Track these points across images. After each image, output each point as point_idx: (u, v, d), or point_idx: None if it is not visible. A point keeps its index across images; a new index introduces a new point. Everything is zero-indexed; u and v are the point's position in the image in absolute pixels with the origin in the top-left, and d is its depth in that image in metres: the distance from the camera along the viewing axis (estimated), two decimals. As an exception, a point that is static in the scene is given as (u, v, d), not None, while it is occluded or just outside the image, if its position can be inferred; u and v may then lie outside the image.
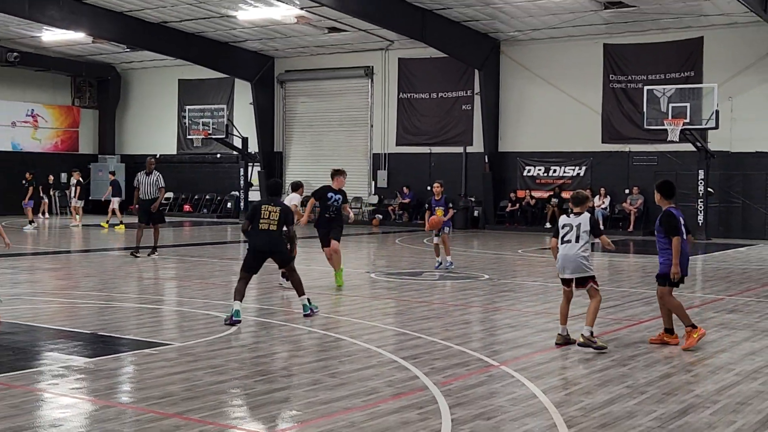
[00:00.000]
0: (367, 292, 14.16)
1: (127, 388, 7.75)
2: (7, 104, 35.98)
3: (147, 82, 38.67)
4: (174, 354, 8.88)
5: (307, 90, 34.90)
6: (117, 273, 16.20)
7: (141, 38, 31.06)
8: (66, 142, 38.48)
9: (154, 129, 38.12)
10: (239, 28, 30.63)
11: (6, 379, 7.72)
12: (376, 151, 33.21)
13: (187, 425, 6.32)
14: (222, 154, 35.85)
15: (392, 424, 6.38)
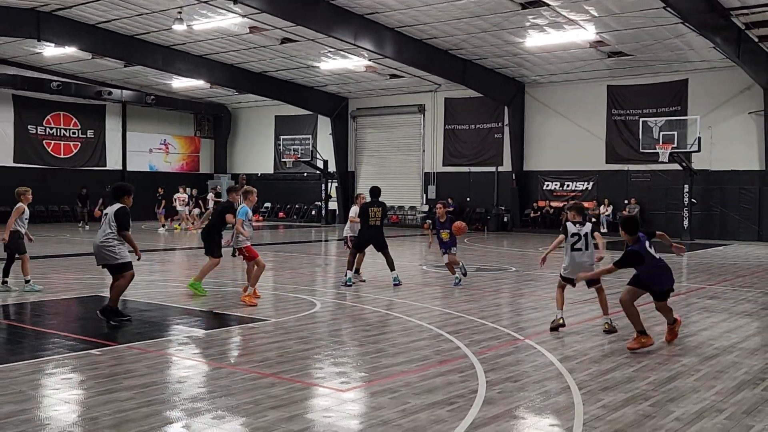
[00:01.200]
0: (419, 281, 14.13)
1: (235, 354, 7.85)
2: (145, 135, 36.72)
3: (251, 118, 39.13)
4: (270, 327, 8.96)
5: (373, 123, 34.97)
6: (225, 265, 16.41)
7: (247, 84, 31.47)
8: (189, 164, 39.13)
9: (256, 153, 38.55)
10: (321, 75, 30.85)
11: (143, 345, 7.87)
12: (426, 170, 33.13)
13: (280, 383, 6.37)
14: (308, 173, 36.11)
15: (439, 385, 6.36)
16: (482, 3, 20.62)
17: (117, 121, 35.73)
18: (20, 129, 32.12)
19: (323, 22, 22.11)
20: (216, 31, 25.03)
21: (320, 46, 25.95)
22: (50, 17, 24.42)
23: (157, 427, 5.21)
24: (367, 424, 5.33)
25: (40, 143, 32.80)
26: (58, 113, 33.38)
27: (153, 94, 34.94)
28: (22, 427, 5.13)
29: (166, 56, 27.79)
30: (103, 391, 6.08)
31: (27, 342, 8.26)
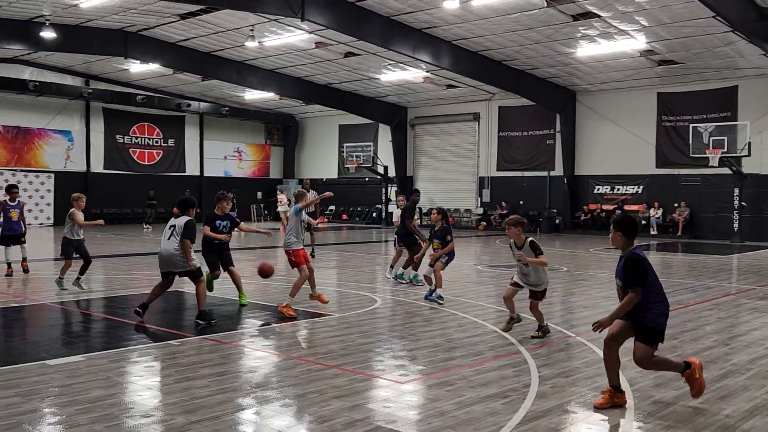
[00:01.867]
0: (474, 279, 14.00)
1: (301, 346, 7.90)
2: (220, 144, 37.47)
3: (316, 127, 39.50)
4: (334, 322, 9.00)
5: (430, 131, 34.86)
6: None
7: (313, 95, 31.80)
8: (261, 170, 39.74)
9: (321, 160, 38.88)
10: (382, 86, 30.94)
11: (218, 337, 8.00)
12: (481, 174, 32.82)
13: (343, 374, 6.38)
14: (369, 178, 36.25)
15: (493, 378, 6.27)
16: (535, 16, 20.34)
17: (195, 130, 36.56)
18: (109, 138, 33.21)
19: (384, 36, 22.18)
20: (285, 47, 25.37)
21: (381, 59, 26.03)
22: (136, 37, 25.19)
23: (230, 413, 5.28)
24: (424, 415, 5.30)
25: (126, 151, 33.83)
26: (143, 124, 34.37)
27: (227, 106, 35.66)
28: (109, 411, 5.27)
29: (239, 71, 28.33)
30: (181, 378, 6.21)
31: (114, 332, 8.50)
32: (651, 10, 19.17)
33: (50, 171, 30.74)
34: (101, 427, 4.90)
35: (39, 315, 9.58)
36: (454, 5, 19.31)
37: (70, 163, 31.91)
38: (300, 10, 19.81)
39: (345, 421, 5.09)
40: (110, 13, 22.44)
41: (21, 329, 8.84)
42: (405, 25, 22.30)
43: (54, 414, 5.23)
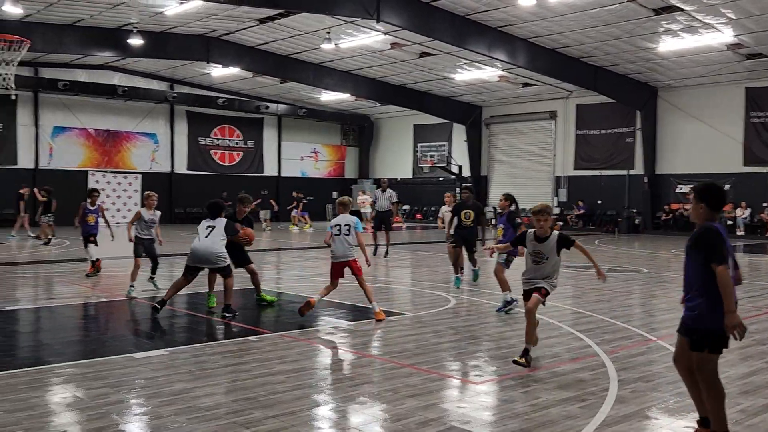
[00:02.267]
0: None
1: (376, 345, 7.92)
2: (297, 144, 38.09)
3: (391, 127, 39.64)
4: (408, 321, 9.00)
5: (505, 129, 34.41)
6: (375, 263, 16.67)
7: (388, 96, 31.94)
8: (336, 170, 40.18)
9: (396, 160, 38.98)
10: (456, 86, 30.76)
11: (295, 334, 8.12)
12: (557, 174, 32.18)
13: (417, 374, 6.36)
14: (443, 178, 36.09)
15: (570, 382, 6.12)
16: (615, 11, 19.78)
17: (273, 132, 37.30)
18: (192, 140, 34.31)
19: (458, 36, 22.04)
20: (360, 49, 25.56)
21: (456, 58, 25.87)
22: (218, 42, 25.92)
23: (306, 408, 5.35)
24: (499, 416, 5.22)
25: (207, 153, 34.86)
26: (223, 126, 35.33)
27: (304, 107, 36.23)
28: (190, 404, 5.42)
29: (316, 73, 28.75)
30: (259, 374, 6.33)
31: (196, 327, 8.76)
32: (739, 1, 18.32)
33: (137, 172, 32.00)
34: (183, 419, 5.05)
35: (126, 310, 9.97)
36: (531, 2, 19.00)
37: (156, 164, 33.14)
38: (375, 12, 19.92)
39: (419, 420, 5.07)
40: (193, 19, 23.16)
41: (110, 323, 9.22)
42: (480, 24, 22.09)
43: (139, 405, 5.43)
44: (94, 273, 13.11)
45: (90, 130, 31.25)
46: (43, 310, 9.94)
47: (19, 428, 4.84)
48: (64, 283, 12.42)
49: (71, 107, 30.63)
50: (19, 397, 5.55)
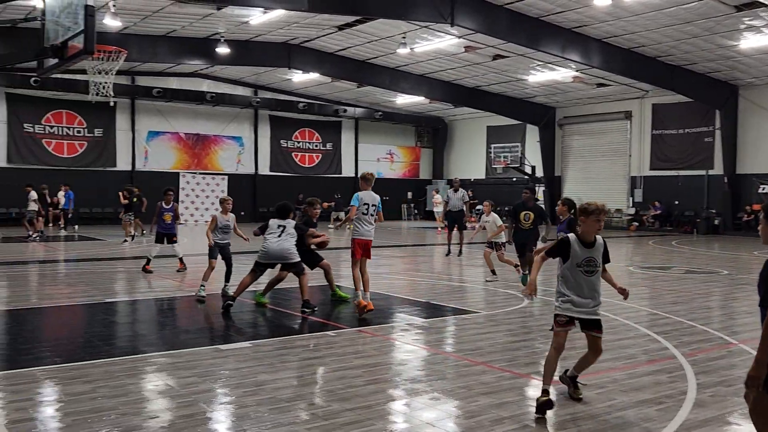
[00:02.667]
0: (625, 281, 13.27)
1: (450, 342, 7.87)
2: (374, 146, 38.33)
3: (465, 128, 39.35)
4: (482, 319, 8.89)
5: (579, 130, 33.58)
6: (442, 261, 16.62)
7: (461, 98, 31.72)
8: (411, 171, 40.21)
9: (469, 160, 38.67)
10: (530, 87, 30.24)
11: (371, 330, 8.16)
12: (633, 174, 31.16)
13: (490, 371, 6.28)
14: (516, 178, 35.56)
15: (647, 384, 5.90)
16: (693, 9, 18.98)
17: (350, 134, 37.67)
18: (275, 143, 35.07)
19: (532, 37, 21.65)
20: (434, 52, 25.48)
21: (529, 60, 25.43)
22: (299, 49, 26.38)
23: (381, 403, 5.35)
24: (573, 416, 5.08)
25: (289, 155, 35.54)
26: (304, 129, 35.95)
27: (380, 110, 36.43)
28: (272, 395, 5.52)
29: (392, 77, 28.85)
30: (336, 368, 6.39)
31: (278, 322, 8.93)
32: (826, -5, 17.26)
33: (224, 173, 32.95)
34: (265, 410, 5.14)
35: (214, 304, 10.25)
36: (606, 2, 18.46)
37: (241, 166, 34.07)
38: (450, 16, 19.81)
39: (493, 418, 4.99)
40: (276, 27, 23.65)
41: (198, 316, 9.51)
42: (554, 26, 21.63)
43: (225, 394, 5.57)
44: (183, 269, 13.49)
45: (181, 134, 32.41)
46: (138, 303, 10.35)
47: (115, 413, 5.04)
48: (157, 278, 12.88)
49: (164, 113, 31.84)
50: (116, 383, 5.79)
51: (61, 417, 4.98)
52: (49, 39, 7.31)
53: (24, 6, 17.32)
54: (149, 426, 4.78)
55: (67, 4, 6.98)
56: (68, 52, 6.90)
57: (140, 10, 21.05)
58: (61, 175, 27.81)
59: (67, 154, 29.65)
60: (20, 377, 5.98)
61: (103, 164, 30.42)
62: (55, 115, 29.36)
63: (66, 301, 10.19)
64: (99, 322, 8.74)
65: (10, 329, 8.25)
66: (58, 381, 5.86)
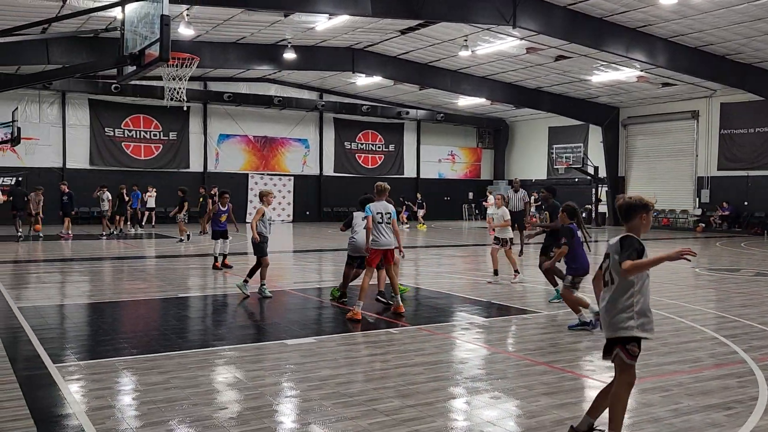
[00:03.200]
0: (692, 283, 12.81)
1: (511, 341, 7.76)
2: (435, 147, 38.22)
3: (526, 129, 38.78)
4: (543, 319, 8.74)
5: (643, 130, 32.59)
6: (504, 260, 16.40)
7: (523, 99, 31.26)
8: (472, 172, 39.89)
9: (530, 161, 38.09)
10: (593, 88, 29.54)
11: (432, 328, 8.12)
12: (700, 174, 30.03)
13: (552, 372, 6.16)
14: (578, 179, 34.83)
15: (714, 388, 5.66)
16: (765, 5, 18.14)
17: (413, 136, 37.66)
18: (339, 145, 35.42)
19: (595, 38, 21.15)
20: (496, 54, 25.20)
21: (592, 60, 24.85)
22: (362, 53, 26.54)
23: (441, 400, 5.32)
24: (636, 420, 4.92)
25: (353, 156, 35.82)
26: (367, 131, 36.17)
27: (442, 112, 36.29)
28: (335, 389, 5.56)
29: (453, 79, 28.68)
30: (398, 364, 6.38)
31: (341, 318, 8.99)
32: None
33: (290, 174, 33.51)
34: (329, 404, 5.18)
35: (280, 300, 10.42)
36: (672, 1, 17.86)
37: (306, 167, 34.55)
38: (512, 18, 19.55)
39: (554, 419, 4.89)
40: (341, 33, 23.86)
41: (265, 312, 9.67)
42: (618, 25, 21.06)
43: (290, 388, 5.64)
44: (221, 267, 13.59)
45: (250, 137, 33.10)
46: (208, 298, 10.62)
47: (188, 403, 5.18)
48: (225, 274, 13.17)
49: (234, 116, 32.59)
50: (188, 375, 5.95)
51: (137, 405, 5.14)
52: (128, 48, 7.58)
53: (105, 17, 18.01)
54: (218, 417, 4.89)
55: (144, 14, 7.22)
56: (145, 60, 7.13)
57: (212, 19, 21.60)
58: (139, 177, 28.90)
59: (144, 156, 30.71)
60: (100, 367, 6.22)
61: (177, 166, 31.37)
62: (134, 119, 30.46)
63: (142, 295, 10.55)
64: (172, 316, 9.01)
65: (92, 321, 8.60)
66: (135, 371, 6.07)
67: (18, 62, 22.75)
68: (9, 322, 8.27)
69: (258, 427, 4.68)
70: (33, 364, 6.30)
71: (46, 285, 11.79)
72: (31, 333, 7.58)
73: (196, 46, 22.76)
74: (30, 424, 4.68)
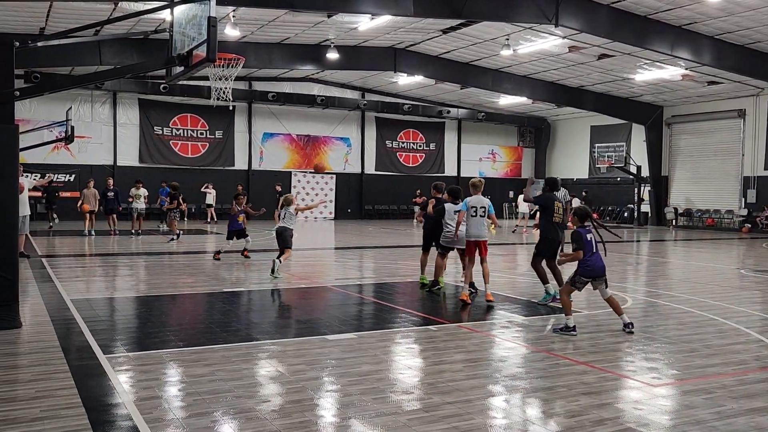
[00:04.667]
0: (737, 284, 12.44)
1: (550, 340, 7.65)
2: (476, 146, 37.95)
3: (568, 128, 38.20)
4: (583, 319, 8.58)
5: (688, 129, 31.77)
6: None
7: (565, 98, 30.81)
8: (513, 171, 39.49)
9: (572, 160, 37.49)
10: (636, 86, 28.93)
11: (471, 326, 8.08)
12: (746, 174, 29.14)
13: (592, 372, 6.06)
14: (621, 178, 34.15)
15: (759, 391, 5.49)
16: (815, 1, 17.51)
17: (453, 135, 37.47)
18: (380, 143, 35.47)
19: (639, 36, 20.69)
20: (538, 53, 24.88)
21: (636, 59, 24.33)
22: (404, 52, 26.50)
23: (481, 397, 5.28)
24: (678, 421, 4.81)
25: (394, 154, 35.83)
26: (408, 130, 36.12)
27: (483, 111, 36.01)
28: (375, 385, 5.58)
29: (494, 78, 28.43)
30: (437, 361, 6.36)
31: (381, 315, 9.01)
32: None
33: (333, 172, 33.69)
34: (369, 399, 5.20)
35: (321, 296, 10.49)
36: (719, -2, 17.37)
37: (348, 165, 34.69)
38: (554, 17, 19.27)
39: (594, 419, 4.81)
40: (383, 33, 23.87)
41: (307, 308, 9.75)
42: (662, 23, 20.57)
43: (331, 383, 5.67)
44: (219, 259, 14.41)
45: (293, 136, 33.40)
46: (252, 293, 10.75)
47: (231, 395, 5.26)
48: (266, 270, 13.31)
49: (278, 115, 32.93)
50: (233, 368, 6.04)
51: (183, 397, 5.24)
52: (176, 49, 7.71)
53: (155, 19, 18.37)
54: (261, 409, 4.95)
55: (192, 16, 7.33)
56: (193, 60, 7.24)
57: (257, 20, 21.84)
58: (185, 174, 29.43)
59: (191, 154, 31.27)
60: (148, 358, 6.36)
61: (223, 164, 31.85)
62: (181, 118, 31.03)
63: (188, 290, 10.75)
64: (217, 310, 9.15)
65: (140, 314, 8.79)
66: (181, 363, 6.18)
67: (72, 63, 23.38)
68: (63, 313, 8.52)
69: (299, 420, 4.72)
70: (85, 355, 6.48)
71: (96, 278, 12.11)
72: (83, 324, 7.79)
73: (242, 46, 23.04)
74: (81, 412, 4.81)
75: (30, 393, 5.23)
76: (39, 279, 11.44)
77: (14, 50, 7.85)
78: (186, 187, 27.17)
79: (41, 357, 6.35)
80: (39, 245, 17.30)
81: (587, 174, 36.50)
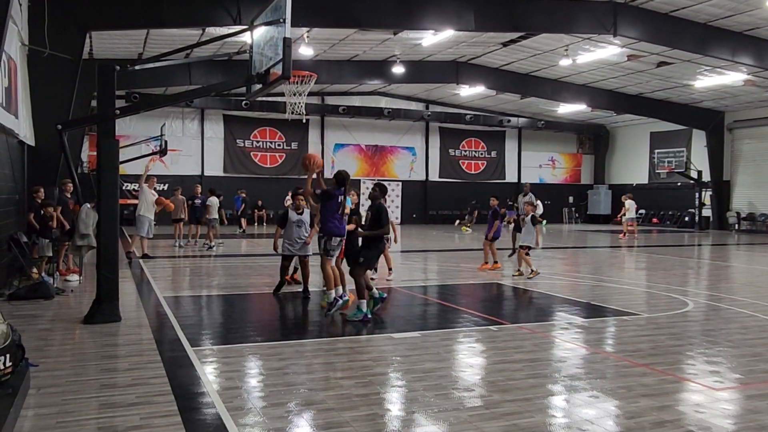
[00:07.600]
0: (802, 289, 11.71)
1: (609, 342, 7.41)
2: (536, 154, 37.23)
3: (627, 135, 36.96)
4: (643, 322, 8.28)
5: (750, 134, 30.17)
6: (604, 262, 15.74)
7: (624, 106, 29.84)
8: (572, 177, 38.53)
9: (631, 166, 36.25)
10: (696, 93, 27.71)
11: (531, 327, 7.91)
12: (812, 178, 27.47)
13: (652, 374, 5.82)
14: (681, 183, 32.76)
15: (827, 398, 5.13)
16: None
17: (514, 143, 36.89)
18: (443, 152, 35.30)
19: (699, 43, 19.82)
20: (596, 63, 24.20)
21: (695, 65, 23.32)
22: (466, 65, 26.31)
23: (540, 397, 5.16)
24: (742, 426, 4.55)
25: (456, 162, 35.58)
26: (470, 139, 35.82)
27: (542, 120, 35.31)
28: (437, 382, 5.53)
29: (554, 87, 27.84)
30: (498, 360, 6.26)
31: (444, 315, 8.94)
32: None
33: (398, 180, 33.76)
34: (431, 395, 5.16)
35: (388, 296, 10.48)
36: (781, 3, 16.44)
37: (413, 173, 34.69)
38: (613, 27, 18.70)
39: (654, 420, 4.61)
40: (445, 47, 23.78)
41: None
42: (722, 30, 19.64)
43: (396, 379, 5.66)
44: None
45: (362, 146, 33.68)
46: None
47: (303, 388, 5.33)
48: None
49: (348, 127, 33.29)
50: (305, 362, 6.12)
51: (261, 388, 5.35)
52: (255, 68, 7.91)
53: (237, 41, 18.92)
54: (331, 402, 4.99)
55: (269, 37, 7.51)
56: (270, 78, 7.41)
57: (329, 39, 22.16)
58: (264, 183, 30.13)
59: (270, 164, 31.99)
60: (230, 352, 6.53)
61: (298, 173, 32.27)
62: (261, 131, 31.82)
63: (266, 289, 10.97)
64: (291, 308, 9.30)
65: (224, 311, 9.04)
66: (259, 357, 6.31)
67: (166, 84, 24.36)
68: (157, 309, 8.86)
69: (366, 413, 4.73)
70: (175, 347, 6.71)
71: (185, 278, 12.53)
72: (174, 320, 8.07)
73: (315, 64, 23.42)
74: (171, 399, 4.98)
75: (127, 380, 5.46)
76: (136, 278, 11.94)
77: (115, 74, 8.23)
78: (265, 193, 27.87)
79: (137, 348, 6.62)
80: (136, 247, 18.02)
81: (647, 179, 35.22)
